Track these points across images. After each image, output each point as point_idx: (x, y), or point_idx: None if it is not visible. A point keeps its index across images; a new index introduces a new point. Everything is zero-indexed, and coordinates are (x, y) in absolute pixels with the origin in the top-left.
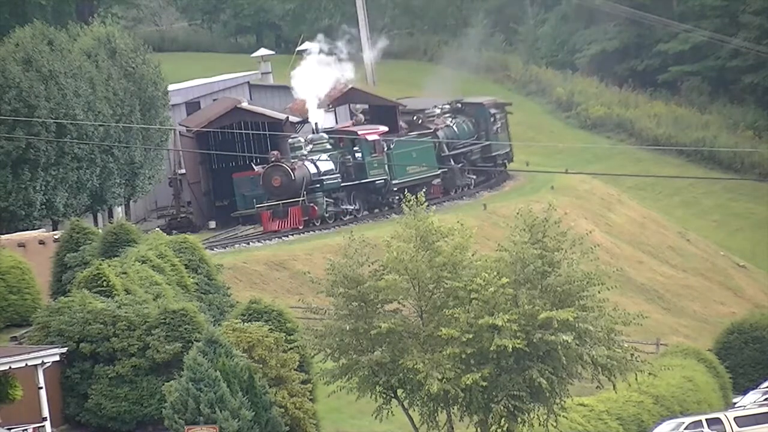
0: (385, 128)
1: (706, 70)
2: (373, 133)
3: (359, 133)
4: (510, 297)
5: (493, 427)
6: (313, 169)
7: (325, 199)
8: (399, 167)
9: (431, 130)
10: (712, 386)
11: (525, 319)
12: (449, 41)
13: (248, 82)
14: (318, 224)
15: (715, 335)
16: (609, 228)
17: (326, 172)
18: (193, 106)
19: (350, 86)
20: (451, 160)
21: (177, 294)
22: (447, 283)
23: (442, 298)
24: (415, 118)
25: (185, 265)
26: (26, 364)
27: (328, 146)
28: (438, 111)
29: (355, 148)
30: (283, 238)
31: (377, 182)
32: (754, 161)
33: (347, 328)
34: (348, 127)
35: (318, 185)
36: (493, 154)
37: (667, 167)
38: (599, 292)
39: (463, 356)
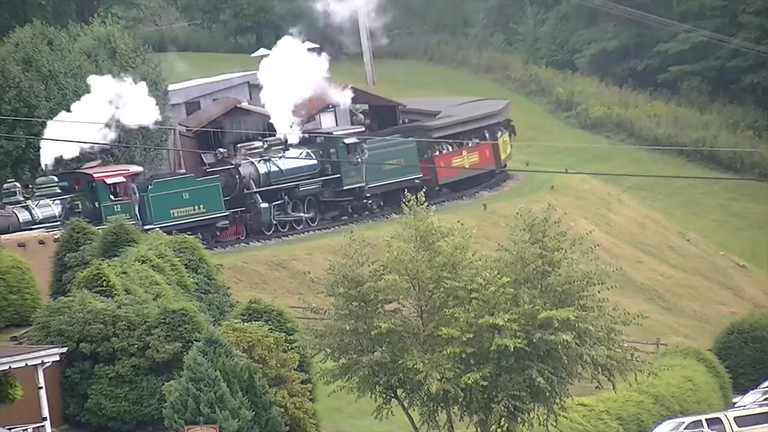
0: (138, 168)
1: (706, 70)
2: (115, 174)
3: (95, 176)
4: (510, 296)
5: (493, 427)
6: (24, 217)
7: None
8: (159, 211)
9: (232, 166)
10: (712, 386)
11: (525, 318)
12: (449, 41)
13: (248, 82)
14: None
15: (715, 335)
16: (609, 228)
17: (43, 220)
18: (193, 106)
19: (350, 86)
20: (259, 197)
21: (177, 294)
22: (447, 283)
23: (442, 298)
24: (216, 153)
25: (185, 265)
26: (26, 364)
27: (58, 190)
28: (260, 144)
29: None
30: (282, 238)
31: None
32: (754, 161)
33: (347, 328)
34: (86, 168)
35: None
36: (347, 187)
37: (667, 167)
38: (599, 292)
39: (463, 356)
